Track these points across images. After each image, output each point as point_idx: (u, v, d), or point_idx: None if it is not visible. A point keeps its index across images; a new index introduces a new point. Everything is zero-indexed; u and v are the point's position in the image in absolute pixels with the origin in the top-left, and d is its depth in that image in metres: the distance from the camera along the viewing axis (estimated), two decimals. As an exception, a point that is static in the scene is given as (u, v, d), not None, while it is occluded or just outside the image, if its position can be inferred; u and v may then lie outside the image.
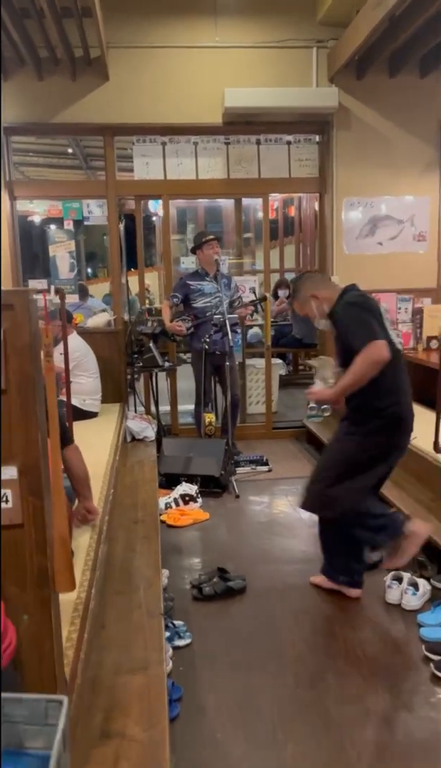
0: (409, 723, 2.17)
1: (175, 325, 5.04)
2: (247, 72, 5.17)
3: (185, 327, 5.03)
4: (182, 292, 5.09)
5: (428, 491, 3.62)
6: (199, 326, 5.02)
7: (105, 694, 1.97)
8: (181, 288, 5.11)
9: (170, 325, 5.07)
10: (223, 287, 4.99)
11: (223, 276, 5.13)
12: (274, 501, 4.38)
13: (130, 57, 5.07)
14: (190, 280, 5.11)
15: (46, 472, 1.35)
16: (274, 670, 2.48)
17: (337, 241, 5.48)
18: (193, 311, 5.05)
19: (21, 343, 1.29)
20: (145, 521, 3.32)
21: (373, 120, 5.34)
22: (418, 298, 5.58)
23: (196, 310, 5.04)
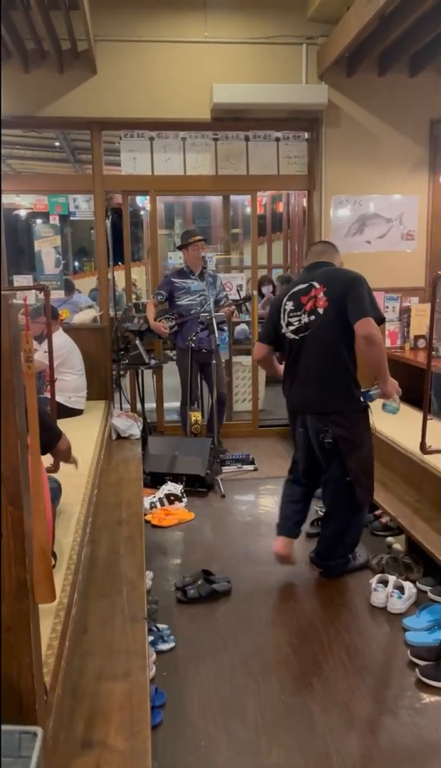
0: (394, 729, 2.15)
1: (159, 325, 4.99)
2: (236, 68, 5.12)
3: (168, 326, 4.99)
4: (167, 289, 5.05)
5: (414, 492, 3.62)
6: (183, 324, 4.98)
7: (87, 701, 1.94)
8: (166, 285, 5.08)
9: (154, 324, 5.02)
10: (208, 286, 4.95)
11: (209, 274, 5.09)
12: (259, 500, 4.36)
13: (118, 50, 5.00)
14: (176, 278, 5.08)
15: (27, 481, 1.31)
16: (258, 675, 2.46)
17: (325, 238, 5.45)
18: (177, 309, 5.01)
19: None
20: (129, 521, 3.29)
21: (363, 118, 5.32)
22: (406, 297, 5.58)
23: (181, 308, 5.00)
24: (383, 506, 3.56)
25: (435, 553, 2.93)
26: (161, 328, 5.00)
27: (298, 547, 3.59)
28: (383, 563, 3.21)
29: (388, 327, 5.61)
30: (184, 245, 5.07)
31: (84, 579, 2.55)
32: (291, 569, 3.32)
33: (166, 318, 5.00)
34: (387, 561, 3.21)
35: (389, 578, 2.96)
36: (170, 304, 5.06)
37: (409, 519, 3.33)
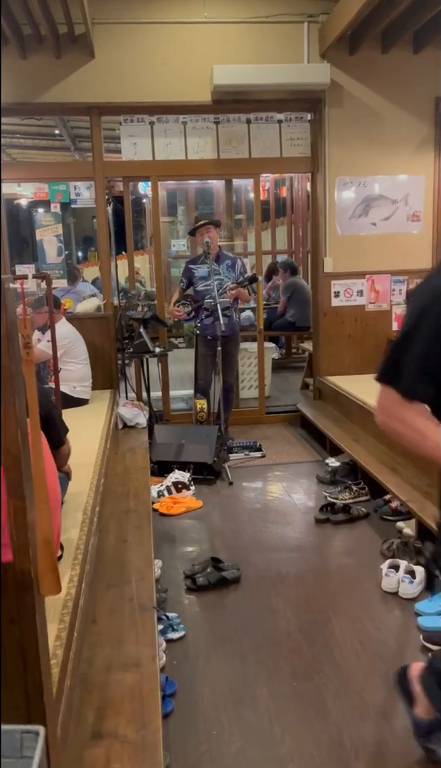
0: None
1: (174, 310, 5.01)
2: (236, 48, 5.02)
3: (184, 311, 4.97)
4: (186, 276, 5.08)
5: (424, 476, 3.57)
6: (198, 310, 4.96)
7: (97, 692, 1.92)
8: (186, 273, 5.11)
9: (171, 309, 5.07)
10: (226, 269, 4.91)
11: (227, 257, 5.04)
12: (267, 487, 4.33)
13: (116, 33, 4.91)
14: (192, 264, 5.10)
15: (28, 471, 1.28)
16: (270, 663, 2.43)
17: (330, 221, 5.38)
18: (196, 295, 5.00)
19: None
20: (137, 510, 3.27)
21: (366, 97, 5.22)
22: (413, 280, 5.50)
23: (197, 294, 4.98)
24: (393, 491, 3.52)
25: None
26: (175, 312, 5.01)
27: (307, 533, 3.58)
28: (394, 548, 3.18)
29: (395, 310, 5.56)
30: (192, 232, 5.08)
31: (92, 569, 2.53)
32: (300, 555, 3.30)
33: (183, 304, 4.98)
34: (397, 546, 3.18)
35: (400, 563, 2.93)
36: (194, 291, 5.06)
37: (419, 503, 3.29)
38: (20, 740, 0.96)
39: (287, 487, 4.28)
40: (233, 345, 5.10)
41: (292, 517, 3.81)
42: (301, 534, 3.57)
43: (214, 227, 4.97)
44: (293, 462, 4.75)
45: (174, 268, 8.54)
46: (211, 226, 4.94)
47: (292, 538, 3.53)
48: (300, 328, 7.21)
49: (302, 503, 4.00)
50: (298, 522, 3.73)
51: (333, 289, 5.47)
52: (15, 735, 0.96)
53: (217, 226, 5.05)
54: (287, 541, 3.49)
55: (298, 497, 4.10)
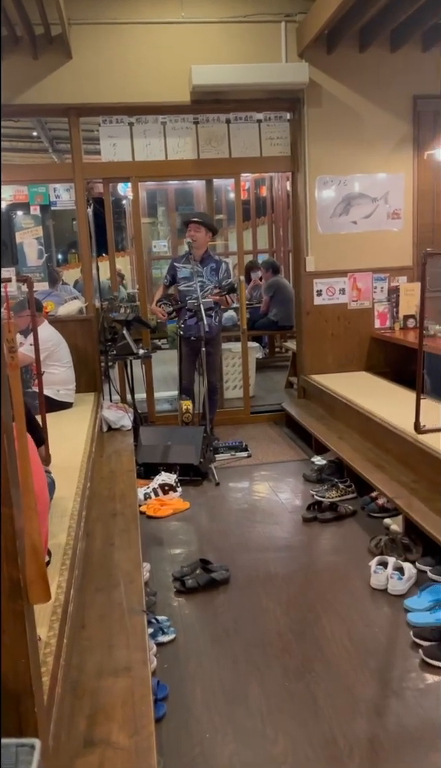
0: (399, 712, 2.13)
1: (156, 309, 5.01)
2: (214, 48, 5.02)
3: (167, 311, 4.95)
4: (171, 273, 5.07)
5: (410, 473, 3.59)
6: (180, 310, 4.94)
7: (88, 698, 1.90)
8: (170, 270, 5.10)
9: (153, 307, 5.07)
10: (209, 272, 4.89)
11: (212, 260, 5.01)
12: (254, 487, 4.33)
13: (93, 34, 4.88)
14: (177, 262, 5.07)
15: (15, 477, 1.26)
16: (261, 663, 2.43)
17: (311, 220, 5.39)
18: (178, 295, 4.98)
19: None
20: (124, 513, 3.24)
21: (345, 96, 5.24)
22: (394, 277, 5.54)
23: (180, 293, 4.96)
24: (379, 488, 3.54)
25: (433, 533, 2.90)
26: (157, 312, 5.00)
27: (295, 532, 3.58)
28: (382, 545, 3.19)
29: (377, 308, 5.59)
30: (185, 223, 5.04)
31: (80, 574, 2.51)
32: (288, 555, 3.30)
33: (164, 303, 4.96)
34: (385, 542, 3.19)
35: (389, 560, 2.94)
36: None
37: (406, 499, 3.31)
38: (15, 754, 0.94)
39: (274, 486, 4.28)
40: (215, 345, 5.08)
41: (279, 516, 3.81)
42: (289, 533, 3.58)
43: (206, 230, 4.92)
44: (279, 461, 4.75)
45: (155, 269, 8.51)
46: (203, 228, 4.89)
47: (280, 537, 3.53)
48: (283, 327, 7.22)
49: (289, 502, 4.01)
50: (285, 521, 3.73)
51: (315, 287, 5.48)
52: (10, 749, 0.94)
53: (210, 231, 4.98)
54: (275, 540, 3.49)
55: (285, 496, 4.10)
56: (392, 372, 5.42)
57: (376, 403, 4.35)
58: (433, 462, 3.32)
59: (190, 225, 4.89)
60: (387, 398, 4.55)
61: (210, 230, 4.98)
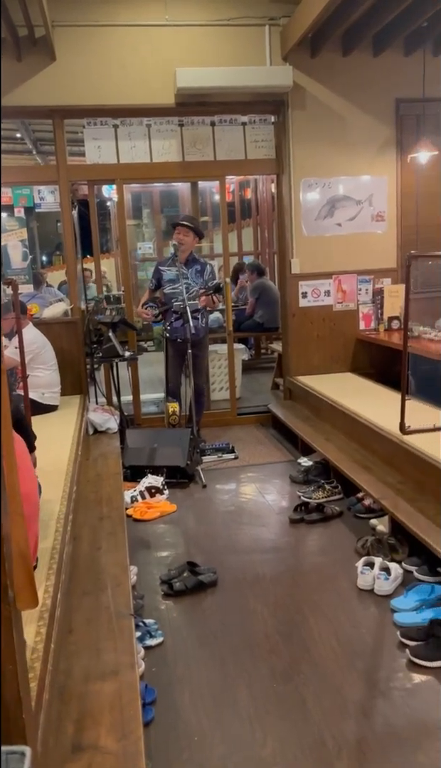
0: (387, 712, 2.14)
1: (142, 311, 5.01)
2: (199, 51, 5.02)
3: (152, 313, 4.95)
4: (156, 276, 5.07)
5: (396, 473, 3.62)
6: (166, 313, 4.94)
7: (75, 703, 1.89)
8: (155, 273, 5.11)
9: (138, 310, 5.07)
10: (194, 274, 4.89)
11: (197, 262, 5.02)
12: (241, 489, 4.33)
13: (77, 36, 4.87)
14: (162, 265, 5.08)
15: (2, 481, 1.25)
16: (249, 665, 2.43)
17: (295, 222, 5.41)
18: (164, 297, 4.98)
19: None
20: (110, 517, 3.23)
21: (329, 99, 5.27)
22: (378, 279, 5.58)
23: (165, 296, 4.96)
24: (365, 488, 3.55)
25: (419, 533, 2.92)
26: (143, 314, 5.00)
27: (282, 533, 3.59)
28: (368, 545, 3.21)
29: (362, 309, 5.62)
30: (173, 225, 5.05)
31: (67, 578, 2.50)
32: (276, 556, 3.30)
33: (150, 306, 4.96)
34: (372, 543, 3.21)
35: (375, 560, 2.96)
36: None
37: (391, 500, 3.32)
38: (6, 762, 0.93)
39: (261, 488, 4.29)
40: (201, 348, 5.09)
41: (266, 518, 3.82)
42: (276, 535, 3.58)
43: (193, 234, 4.93)
44: (266, 463, 4.76)
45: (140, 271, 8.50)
46: (191, 232, 4.90)
47: (267, 539, 3.54)
48: (269, 329, 7.25)
49: (276, 504, 4.02)
50: (272, 523, 3.74)
51: (300, 289, 5.50)
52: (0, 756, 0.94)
53: (197, 235, 5.00)
54: (262, 542, 3.50)
55: (271, 498, 4.11)
56: (377, 373, 5.45)
57: (362, 404, 4.38)
58: (418, 462, 3.34)
59: (179, 228, 4.89)
60: (372, 399, 4.57)
61: (197, 235, 4.99)
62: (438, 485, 3.15)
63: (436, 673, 2.32)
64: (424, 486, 3.30)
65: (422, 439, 3.48)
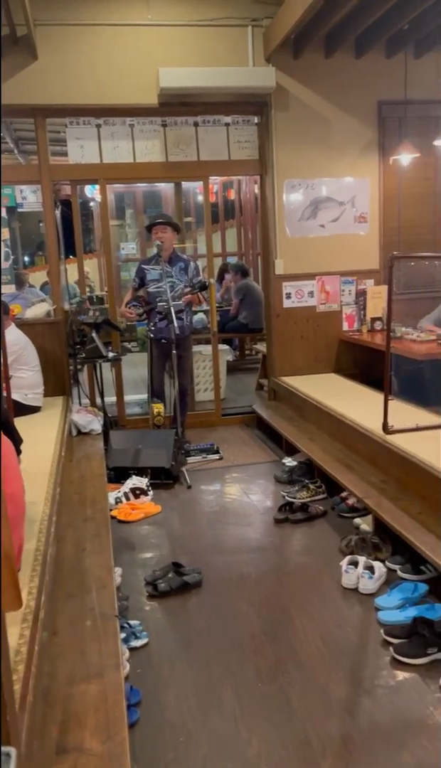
0: (372, 710, 2.16)
1: (125, 311, 5.00)
2: (182, 51, 5.02)
3: (136, 313, 4.95)
4: (139, 276, 5.06)
5: (379, 473, 3.64)
6: (150, 312, 4.93)
7: (60, 705, 1.88)
8: (139, 272, 5.09)
9: (122, 309, 5.05)
10: (178, 272, 4.89)
11: (180, 260, 5.01)
12: (226, 489, 4.33)
13: (59, 35, 4.85)
14: (145, 264, 5.06)
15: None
16: (234, 665, 2.43)
17: (279, 224, 5.43)
18: (147, 296, 4.97)
19: None
20: (94, 518, 3.22)
21: (311, 100, 5.29)
22: (361, 280, 5.61)
23: (149, 295, 4.95)
24: (349, 488, 3.57)
25: (402, 532, 2.95)
26: (127, 314, 4.99)
27: (266, 533, 3.59)
28: (352, 545, 3.22)
29: (345, 310, 5.65)
30: (148, 229, 5.02)
31: (51, 580, 2.48)
32: (260, 556, 3.31)
33: (134, 305, 4.96)
34: (356, 542, 3.23)
35: (359, 559, 2.97)
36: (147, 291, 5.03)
37: (375, 499, 3.35)
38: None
39: (245, 488, 4.29)
40: (186, 348, 5.09)
41: (251, 518, 3.82)
42: (260, 534, 3.59)
43: (172, 229, 4.94)
44: (251, 463, 4.77)
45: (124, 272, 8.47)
46: (169, 228, 4.91)
47: (252, 539, 3.54)
48: (253, 329, 7.26)
49: (261, 504, 4.02)
50: (257, 523, 3.74)
51: (284, 290, 5.52)
52: (-18, 758, 0.93)
53: (175, 230, 5.01)
54: (247, 542, 3.50)
55: (256, 498, 4.11)
56: (360, 373, 5.49)
57: (346, 405, 4.40)
58: (401, 462, 3.37)
59: (156, 228, 4.88)
60: (356, 399, 4.60)
61: (175, 230, 5.01)
62: (421, 484, 3.17)
63: (420, 671, 2.34)
64: (406, 485, 3.33)
65: (405, 439, 3.51)
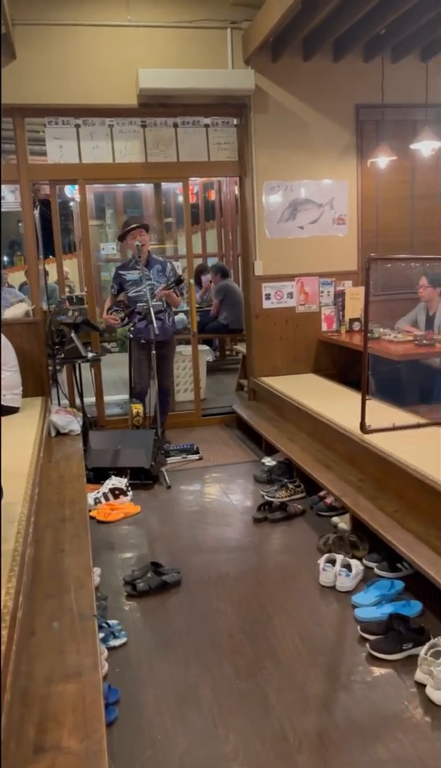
0: (348, 705, 2.18)
1: (109, 317, 5.00)
2: (161, 52, 5.03)
3: (119, 317, 4.95)
4: (117, 282, 5.04)
5: (356, 472, 3.68)
6: (131, 315, 4.94)
7: (37, 705, 1.88)
8: (116, 278, 5.08)
9: (105, 316, 5.04)
10: (156, 274, 4.89)
11: (157, 262, 5.02)
12: (206, 489, 4.35)
13: (39, 34, 4.83)
14: (122, 270, 5.06)
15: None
16: (212, 664, 2.45)
17: (258, 225, 5.46)
18: (128, 300, 4.97)
19: None
20: (73, 519, 3.22)
21: (290, 103, 5.34)
22: (340, 281, 5.66)
23: (130, 299, 4.95)
24: (327, 487, 3.61)
25: (379, 530, 2.98)
26: (111, 320, 4.99)
27: (245, 532, 3.61)
28: (330, 543, 3.26)
29: (324, 311, 5.70)
30: (122, 236, 5.01)
31: (29, 581, 2.48)
32: (239, 555, 3.33)
33: (115, 310, 4.96)
34: (333, 540, 3.26)
35: (336, 557, 3.01)
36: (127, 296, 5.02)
37: (352, 498, 3.38)
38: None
39: (225, 488, 4.31)
40: (169, 349, 5.09)
41: (230, 517, 3.84)
42: (240, 534, 3.61)
43: (145, 230, 4.96)
44: (230, 463, 4.79)
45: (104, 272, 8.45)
46: (144, 230, 4.92)
47: (231, 538, 3.56)
48: (233, 330, 7.29)
49: (240, 503, 4.04)
50: (236, 522, 3.77)
51: (264, 291, 5.55)
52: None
53: (146, 230, 5.03)
54: (227, 541, 3.52)
55: (236, 498, 4.13)
56: (339, 374, 5.54)
57: (324, 405, 4.44)
58: (378, 461, 3.41)
59: (135, 231, 4.87)
60: (334, 399, 4.64)
61: (146, 230, 5.03)
62: (397, 483, 3.22)
63: (395, 666, 2.37)
64: (383, 484, 3.37)
65: (382, 438, 3.55)
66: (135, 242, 4.85)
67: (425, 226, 5.78)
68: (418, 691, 2.23)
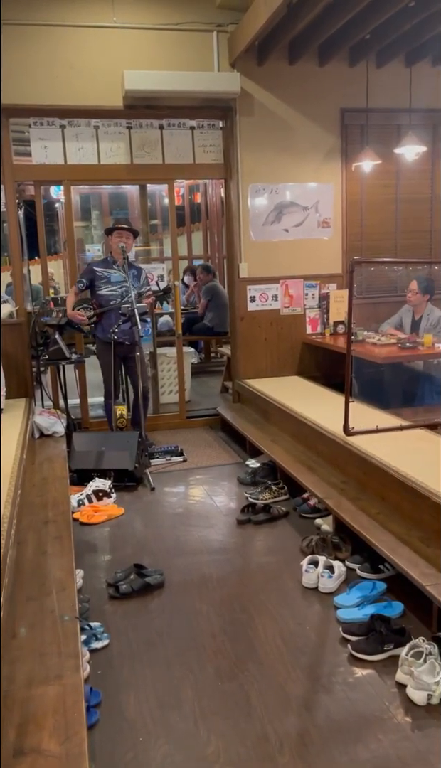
0: (329, 706, 2.19)
1: (76, 314, 4.87)
2: (147, 54, 5.04)
3: (87, 316, 4.88)
4: (88, 277, 4.93)
5: (339, 474, 3.70)
6: (102, 315, 4.89)
7: (18, 708, 1.87)
8: (88, 273, 4.96)
9: (71, 313, 4.87)
10: (132, 279, 4.88)
11: (135, 267, 5.01)
12: (189, 491, 4.35)
13: (24, 35, 4.82)
14: (98, 267, 4.99)
15: None
16: (194, 665, 2.45)
17: (244, 227, 5.48)
18: (97, 299, 4.91)
19: None
20: (56, 521, 3.21)
21: (275, 106, 5.36)
22: (324, 284, 5.69)
23: (101, 298, 4.90)
24: (311, 488, 3.62)
25: (361, 531, 3.00)
26: (78, 317, 4.87)
27: (229, 534, 3.62)
28: (313, 544, 3.27)
29: (309, 314, 5.73)
30: (109, 232, 4.98)
31: (10, 583, 2.47)
32: (223, 557, 3.33)
33: (85, 308, 4.89)
34: (316, 542, 3.27)
35: (319, 559, 3.02)
36: (91, 293, 4.94)
37: (335, 500, 3.40)
38: None
39: (209, 490, 4.31)
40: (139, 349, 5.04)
41: (214, 519, 3.84)
42: (223, 536, 3.61)
43: (133, 237, 4.94)
44: (214, 465, 4.79)
45: (90, 274, 8.41)
46: (131, 234, 4.91)
47: (214, 540, 3.56)
48: (218, 332, 7.30)
49: (224, 505, 4.05)
50: (220, 524, 3.77)
51: (249, 293, 5.57)
52: None
53: (135, 237, 5.02)
54: (210, 543, 3.52)
55: (219, 499, 4.14)
56: (323, 376, 5.57)
57: (308, 407, 4.46)
58: (361, 463, 3.43)
59: (121, 232, 4.86)
60: (318, 402, 4.67)
61: (135, 236, 5.02)
62: (380, 484, 3.24)
63: (376, 666, 2.39)
64: (366, 485, 3.40)
65: (365, 440, 3.58)
66: (120, 243, 4.84)
67: (409, 230, 5.83)
68: (398, 692, 2.25)
